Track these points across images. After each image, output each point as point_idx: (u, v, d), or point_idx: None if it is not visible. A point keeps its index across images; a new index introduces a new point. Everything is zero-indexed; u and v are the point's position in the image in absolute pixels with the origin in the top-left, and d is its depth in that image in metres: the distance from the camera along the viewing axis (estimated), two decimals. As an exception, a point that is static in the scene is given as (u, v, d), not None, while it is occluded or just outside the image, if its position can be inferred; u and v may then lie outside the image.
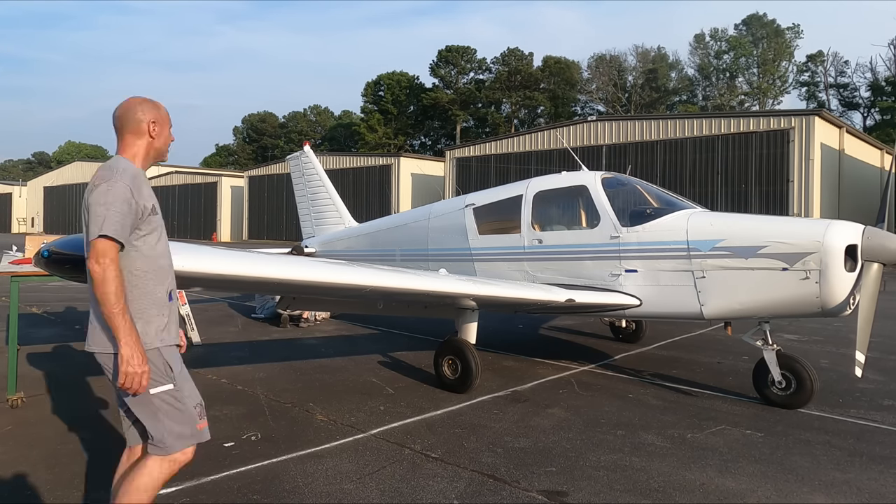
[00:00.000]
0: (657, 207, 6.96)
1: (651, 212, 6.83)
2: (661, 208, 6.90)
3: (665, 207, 6.91)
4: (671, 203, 7.09)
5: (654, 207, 6.97)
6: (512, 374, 7.07)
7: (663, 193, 7.51)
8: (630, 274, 6.56)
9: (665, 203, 7.10)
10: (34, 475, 4.14)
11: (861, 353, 5.22)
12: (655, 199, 7.20)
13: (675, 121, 32.33)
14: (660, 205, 7.04)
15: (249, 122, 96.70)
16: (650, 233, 6.50)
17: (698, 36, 70.74)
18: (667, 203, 7.09)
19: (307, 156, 12.59)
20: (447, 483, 4.07)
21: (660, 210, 6.83)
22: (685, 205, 7.00)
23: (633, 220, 6.73)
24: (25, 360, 7.16)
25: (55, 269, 3.83)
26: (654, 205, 7.06)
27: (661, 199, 7.25)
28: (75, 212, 69.66)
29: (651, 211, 6.86)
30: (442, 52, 76.51)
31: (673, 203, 7.09)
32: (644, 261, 6.47)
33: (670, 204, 7.05)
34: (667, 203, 7.09)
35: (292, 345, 9.08)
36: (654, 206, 7.03)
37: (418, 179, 44.53)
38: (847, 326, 5.44)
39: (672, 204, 7.04)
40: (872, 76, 66.79)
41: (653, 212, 6.81)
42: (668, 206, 6.97)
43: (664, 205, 7.03)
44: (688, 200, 7.30)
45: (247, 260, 4.66)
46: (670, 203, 7.09)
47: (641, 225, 6.59)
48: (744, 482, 4.13)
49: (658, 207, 6.95)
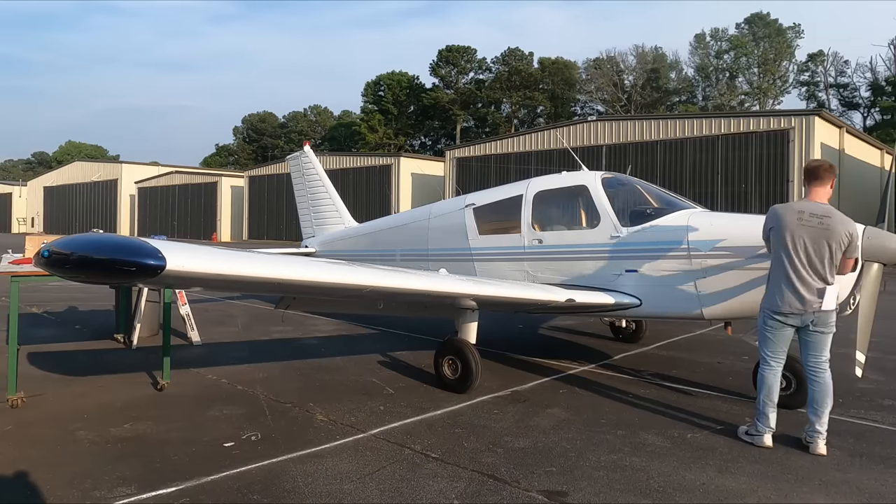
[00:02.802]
0: (657, 207, 6.96)
1: (651, 212, 6.84)
2: (662, 208, 6.90)
3: (665, 207, 6.91)
4: (671, 203, 7.09)
5: (654, 207, 6.98)
6: (512, 374, 7.06)
7: (663, 193, 7.51)
8: (630, 274, 6.56)
9: (665, 203, 7.10)
10: (34, 475, 4.14)
11: (861, 353, 5.22)
12: (655, 199, 7.21)
13: (675, 121, 32.31)
14: (660, 205, 7.05)
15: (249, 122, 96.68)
16: (650, 233, 6.50)
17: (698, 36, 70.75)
18: (667, 203, 7.09)
19: (307, 156, 12.59)
20: (447, 483, 4.07)
21: (660, 210, 6.83)
22: (685, 205, 7.00)
23: (633, 219, 6.74)
24: (25, 360, 7.16)
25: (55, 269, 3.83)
26: (654, 205, 7.06)
27: (662, 199, 7.26)
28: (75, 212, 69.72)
29: (651, 211, 6.87)
30: (442, 52, 76.53)
31: (673, 203, 7.09)
32: (644, 261, 6.46)
33: (670, 204, 7.05)
34: (667, 203, 7.09)
35: (292, 345, 9.07)
36: (655, 206, 7.03)
37: (418, 179, 44.51)
38: (847, 326, 5.43)
39: (672, 204, 7.05)
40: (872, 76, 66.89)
41: (653, 212, 6.82)
42: (669, 206, 6.98)
43: (664, 205, 7.03)
44: (688, 200, 7.31)
45: (247, 260, 4.65)
46: (670, 203, 7.09)
47: (641, 225, 6.60)
48: (744, 482, 4.13)
49: (658, 207, 6.96)
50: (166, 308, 6.64)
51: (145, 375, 6.85)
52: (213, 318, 11.13)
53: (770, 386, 4.87)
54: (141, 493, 3.88)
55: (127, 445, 4.72)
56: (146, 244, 3.83)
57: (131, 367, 7.32)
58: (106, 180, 67.08)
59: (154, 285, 7.37)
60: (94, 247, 3.82)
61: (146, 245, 3.82)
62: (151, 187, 63.74)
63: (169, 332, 6.60)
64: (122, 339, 8.68)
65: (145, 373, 6.95)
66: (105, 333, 9.27)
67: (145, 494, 3.86)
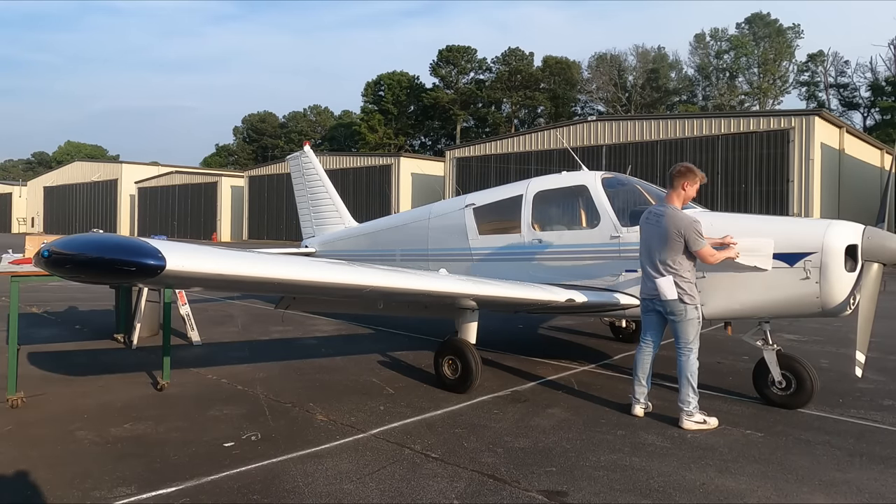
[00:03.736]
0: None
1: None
2: (662, 208, 6.88)
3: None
4: (671, 203, 7.07)
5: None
6: (512, 374, 7.07)
7: (663, 193, 7.49)
8: (630, 274, 6.55)
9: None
10: (34, 475, 4.14)
11: (861, 353, 5.22)
12: (655, 199, 7.18)
13: (675, 121, 32.32)
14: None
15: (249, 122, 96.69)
16: None
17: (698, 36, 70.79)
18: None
19: (307, 156, 12.59)
20: (447, 483, 4.07)
21: (660, 210, 6.81)
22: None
23: (633, 219, 6.73)
24: (25, 360, 7.16)
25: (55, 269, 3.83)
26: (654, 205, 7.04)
27: (662, 199, 7.23)
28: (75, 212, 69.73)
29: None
30: (442, 52, 76.52)
31: (673, 203, 7.07)
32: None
33: (670, 204, 7.03)
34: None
35: (292, 345, 9.08)
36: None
37: (418, 179, 44.51)
38: (847, 326, 5.45)
39: (672, 204, 7.03)
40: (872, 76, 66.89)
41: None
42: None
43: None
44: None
45: (247, 260, 4.65)
46: (670, 203, 7.07)
47: (641, 225, 6.59)
48: (744, 482, 4.13)
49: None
50: (166, 308, 6.64)
51: (145, 375, 6.85)
52: (213, 318, 11.13)
53: (636, 362, 5.64)
54: (141, 493, 3.88)
55: (127, 445, 4.72)
56: (146, 244, 3.82)
57: (131, 367, 7.33)
58: (106, 180, 67.11)
59: (154, 285, 7.37)
60: (94, 247, 3.81)
61: (146, 245, 3.82)
62: (151, 187, 63.75)
63: (169, 332, 6.60)
64: (122, 339, 8.68)
65: (145, 373, 6.95)
66: (105, 333, 9.27)
67: (145, 494, 3.86)
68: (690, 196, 5.50)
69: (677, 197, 5.45)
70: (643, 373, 5.58)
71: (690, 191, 5.43)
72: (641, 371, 5.58)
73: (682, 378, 5.32)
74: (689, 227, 5.23)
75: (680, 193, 5.44)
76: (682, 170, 5.46)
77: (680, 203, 5.46)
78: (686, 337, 5.36)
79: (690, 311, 5.31)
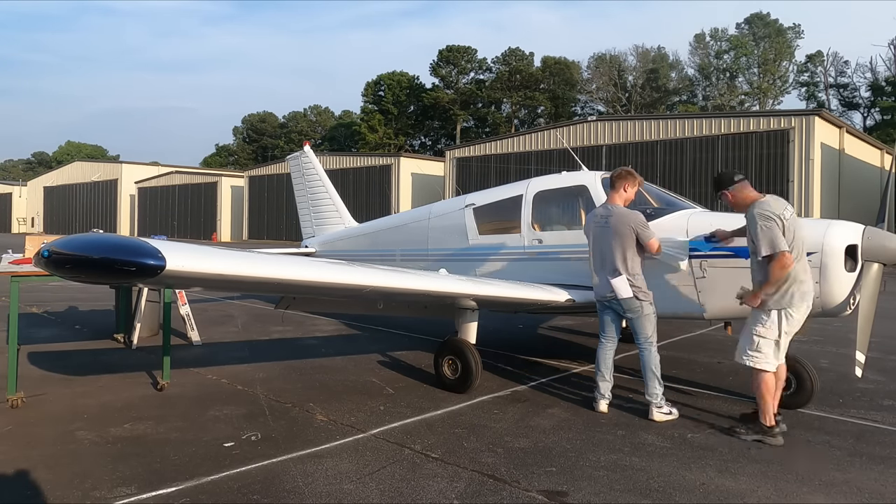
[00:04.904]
0: (657, 207, 6.95)
1: (651, 212, 6.81)
2: (662, 208, 6.89)
3: (665, 207, 6.90)
4: (671, 203, 7.08)
5: (654, 207, 6.96)
6: (512, 374, 7.07)
7: (663, 193, 7.50)
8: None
9: (665, 203, 7.09)
10: (34, 475, 4.14)
11: (861, 353, 5.22)
12: (655, 199, 7.19)
13: (675, 121, 32.33)
14: (660, 205, 7.04)
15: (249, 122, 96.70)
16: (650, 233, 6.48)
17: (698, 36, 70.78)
18: (667, 203, 7.09)
19: (307, 156, 12.58)
20: (447, 483, 4.07)
21: (660, 210, 6.82)
22: (685, 205, 6.99)
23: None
24: (25, 360, 7.16)
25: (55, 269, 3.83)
26: (654, 205, 7.04)
27: (662, 199, 7.25)
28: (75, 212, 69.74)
29: (651, 211, 6.84)
30: (442, 52, 76.52)
31: (673, 203, 7.08)
32: (644, 261, 6.45)
33: (670, 204, 7.04)
34: (667, 203, 7.09)
35: (292, 345, 9.08)
36: (654, 206, 7.02)
37: (418, 179, 44.52)
38: (847, 326, 5.44)
39: (672, 204, 7.04)
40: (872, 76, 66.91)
41: (653, 212, 6.80)
42: (669, 206, 6.97)
43: (664, 205, 7.02)
44: (688, 200, 7.30)
45: (247, 260, 4.65)
46: (670, 203, 7.08)
47: (641, 225, 6.59)
48: (744, 482, 4.13)
49: (658, 207, 6.94)
50: (166, 308, 6.64)
51: (145, 375, 6.85)
52: (213, 318, 11.13)
53: (597, 358, 5.76)
54: (141, 493, 3.88)
55: (127, 445, 4.72)
56: (146, 244, 3.83)
57: (131, 367, 7.33)
58: (106, 180, 67.11)
59: (154, 285, 7.36)
60: (94, 247, 3.81)
61: (146, 245, 3.82)
62: (151, 187, 63.75)
63: (169, 332, 6.60)
64: (122, 339, 8.68)
65: (145, 373, 6.95)
66: (105, 333, 9.27)
67: (145, 494, 3.86)
68: (630, 198, 5.78)
69: (619, 198, 5.72)
70: (606, 369, 5.72)
71: (630, 192, 5.75)
72: (605, 367, 5.72)
73: (647, 372, 5.50)
74: (638, 221, 5.56)
75: (622, 194, 5.72)
76: (622, 173, 5.77)
77: (622, 203, 5.72)
78: (645, 332, 5.57)
79: (646, 307, 5.56)
